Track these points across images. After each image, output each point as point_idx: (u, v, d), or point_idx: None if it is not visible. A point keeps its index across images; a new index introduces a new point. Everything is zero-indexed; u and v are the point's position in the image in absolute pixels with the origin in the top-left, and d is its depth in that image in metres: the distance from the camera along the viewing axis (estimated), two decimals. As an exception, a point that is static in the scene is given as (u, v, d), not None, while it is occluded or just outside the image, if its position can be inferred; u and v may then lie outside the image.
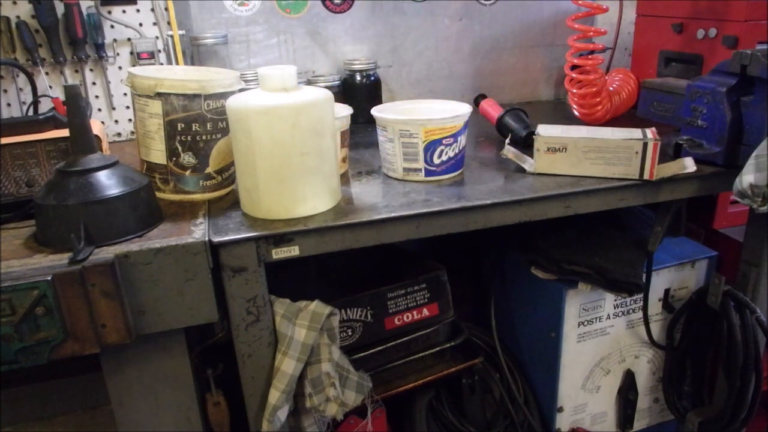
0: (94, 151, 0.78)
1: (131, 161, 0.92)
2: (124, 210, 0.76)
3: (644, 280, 1.08)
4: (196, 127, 0.86)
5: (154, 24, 1.28)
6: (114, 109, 1.32)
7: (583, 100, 1.28)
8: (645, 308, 1.14)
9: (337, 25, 1.44)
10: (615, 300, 1.14)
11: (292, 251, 0.82)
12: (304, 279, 1.14)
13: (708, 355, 1.18)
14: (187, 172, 0.88)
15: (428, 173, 0.97)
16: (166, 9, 1.27)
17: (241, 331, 0.84)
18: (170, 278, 0.76)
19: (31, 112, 1.19)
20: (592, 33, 1.23)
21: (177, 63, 1.28)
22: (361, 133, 1.33)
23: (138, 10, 1.27)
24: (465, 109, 0.98)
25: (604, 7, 1.22)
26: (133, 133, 1.33)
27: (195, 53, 1.33)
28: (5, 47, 1.21)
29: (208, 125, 0.86)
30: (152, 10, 1.27)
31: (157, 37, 1.28)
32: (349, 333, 1.05)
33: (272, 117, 0.77)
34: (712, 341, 1.13)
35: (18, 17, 1.20)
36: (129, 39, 1.28)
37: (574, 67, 1.26)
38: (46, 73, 1.25)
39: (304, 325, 0.86)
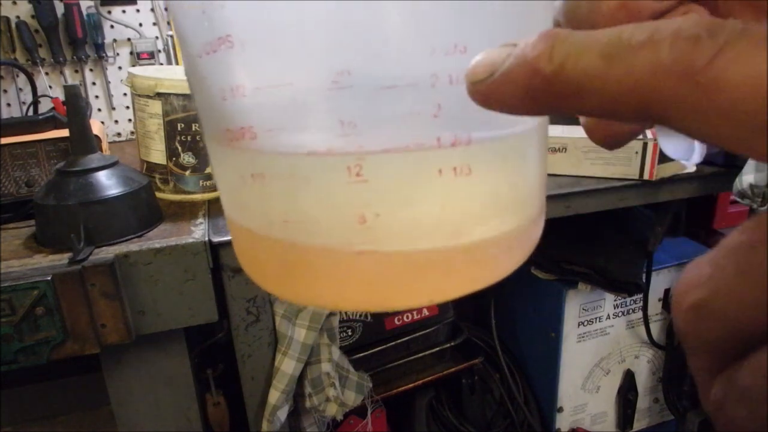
0: (94, 151, 0.78)
1: (131, 161, 0.92)
2: (124, 210, 0.76)
3: (644, 280, 1.08)
4: (196, 127, 0.85)
5: (154, 24, 1.28)
6: (114, 109, 1.32)
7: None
8: (645, 308, 1.14)
9: (337, 25, 1.44)
10: (615, 300, 1.14)
11: (292, 251, 0.82)
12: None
13: (708, 355, 1.18)
14: (187, 172, 0.88)
15: (428, 173, 0.97)
16: (166, 9, 1.27)
17: (241, 331, 0.84)
18: (170, 278, 0.76)
19: (31, 112, 1.19)
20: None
21: (177, 63, 1.28)
22: (361, 133, 1.33)
23: (138, 10, 1.27)
24: (465, 109, 0.98)
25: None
26: (133, 133, 1.33)
27: (195, 53, 1.33)
28: (5, 47, 1.21)
29: (208, 125, 0.86)
30: (152, 10, 1.27)
31: (157, 37, 1.28)
32: (349, 333, 1.05)
33: (272, 117, 0.77)
34: (712, 341, 1.13)
35: (18, 17, 1.20)
36: (129, 39, 1.28)
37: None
38: (46, 73, 1.25)
39: (304, 325, 0.86)
